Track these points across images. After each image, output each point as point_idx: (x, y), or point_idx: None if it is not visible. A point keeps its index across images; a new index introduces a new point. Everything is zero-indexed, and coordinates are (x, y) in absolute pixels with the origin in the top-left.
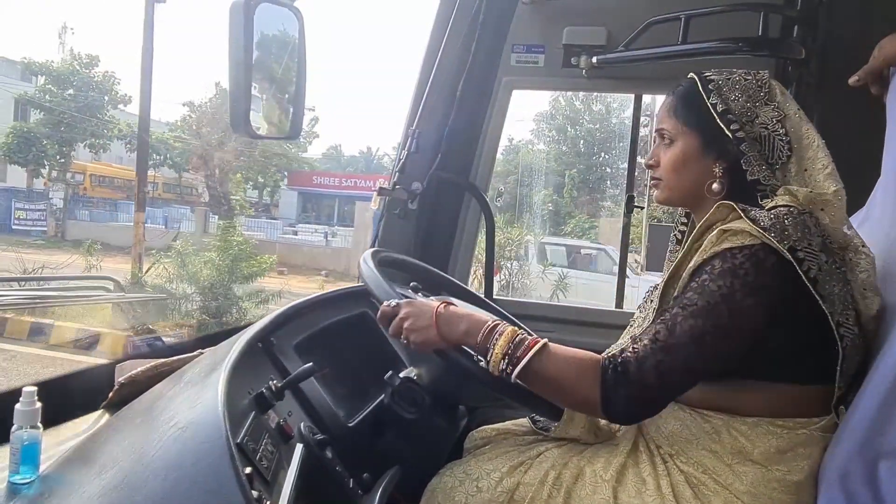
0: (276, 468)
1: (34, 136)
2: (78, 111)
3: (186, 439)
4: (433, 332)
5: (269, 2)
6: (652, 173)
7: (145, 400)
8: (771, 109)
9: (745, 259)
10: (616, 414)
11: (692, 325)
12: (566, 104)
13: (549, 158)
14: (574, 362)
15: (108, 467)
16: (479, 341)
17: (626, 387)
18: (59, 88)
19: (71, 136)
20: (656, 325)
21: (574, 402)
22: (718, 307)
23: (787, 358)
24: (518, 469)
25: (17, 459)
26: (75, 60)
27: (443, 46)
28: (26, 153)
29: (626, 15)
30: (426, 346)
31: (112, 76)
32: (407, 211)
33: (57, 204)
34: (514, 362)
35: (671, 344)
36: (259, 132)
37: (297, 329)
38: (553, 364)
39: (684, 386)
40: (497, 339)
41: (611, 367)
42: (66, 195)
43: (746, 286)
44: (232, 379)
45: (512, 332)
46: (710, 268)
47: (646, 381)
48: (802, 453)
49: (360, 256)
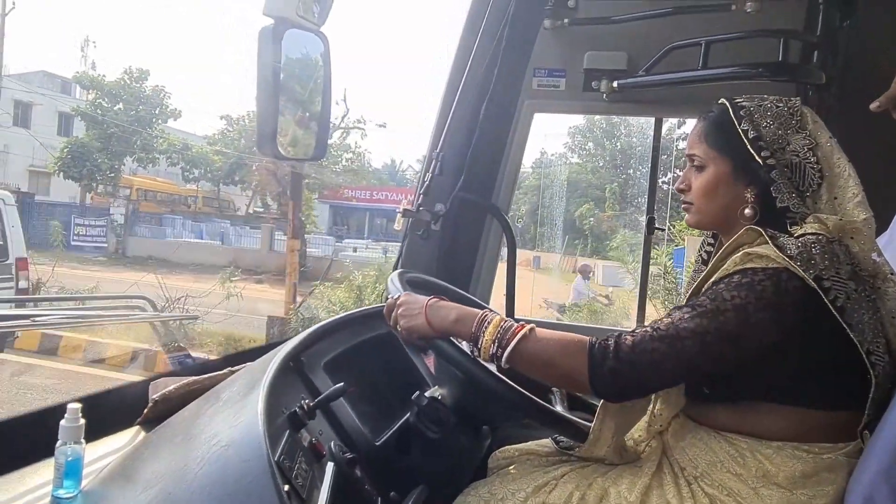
0: (311, 486)
1: (88, 150)
2: (128, 124)
3: (229, 457)
4: (422, 319)
5: (297, 27)
6: (683, 197)
7: (184, 417)
8: (802, 137)
9: (766, 278)
10: (602, 387)
11: (697, 323)
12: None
13: (587, 171)
14: (562, 341)
15: (151, 484)
16: (467, 329)
17: (613, 360)
18: (110, 102)
19: (122, 149)
20: (660, 319)
21: (562, 376)
22: (727, 313)
23: (810, 382)
24: (542, 489)
25: (61, 474)
26: (126, 74)
27: (466, 70)
28: (81, 168)
29: (646, 40)
30: (415, 333)
31: (162, 90)
32: (430, 232)
33: (118, 220)
34: (503, 345)
35: (671, 335)
36: (285, 153)
37: (326, 348)
38: (541, 344)
39: (676, 377)
40: (486, 326)
41: (598, 343)
42: (126, 211)
43: (761, 301)
44: (269, 398)
45: (500, 319)
46: (728, 279)
47: (636, 361)
48: (827, 478)
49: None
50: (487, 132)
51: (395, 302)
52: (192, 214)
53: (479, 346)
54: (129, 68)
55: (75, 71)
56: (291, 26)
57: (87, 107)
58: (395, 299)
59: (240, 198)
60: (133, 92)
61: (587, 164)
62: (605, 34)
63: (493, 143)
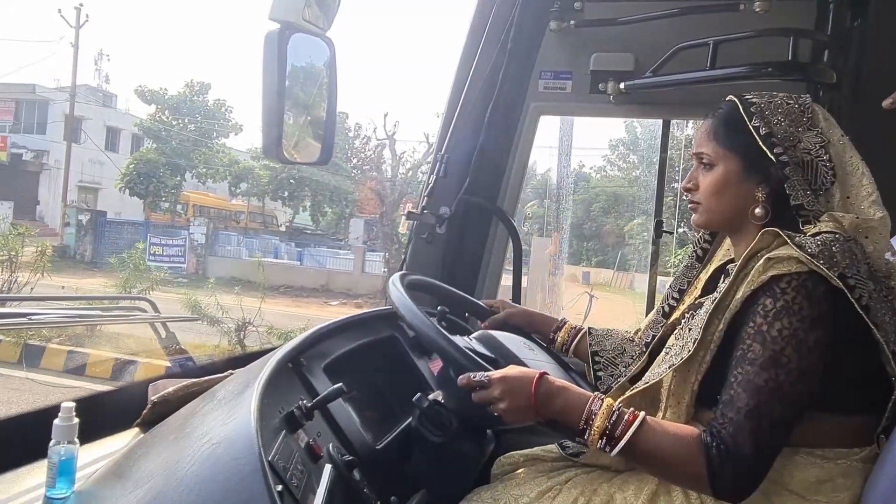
0: (306, 488)
1: (154, 165)
2: (190, 139)
3: (219, 455)
4: (532, 412)
5: (303, 32)
6: (690, 197)
7: (179, 417)
8: (814, 135)
9: (796, 292)
10: (726, 493)
11: (766, 378)
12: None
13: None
14: (675, 439)
15: (142, 483)
16: (574, 421)
17: (731, 463)
18: (171, 116)
19: (185, 164)
20: (732, 391)
21: (680, 479)
22: (785, 351)
23: (829, 386)
24: (546, 495)
25: (53, 474)
26: (187, 87)
27: (472, 72)
28: (147, 184)
29: (653, 41)
30: (520, 419)
31: (223, 103)
32: (435, 235)
33: (197, 238)
34: (612, 442)
35: (754, 406)
36: (290, 158)
37: (327, 350)
38: (654, 440)
39: (781, 443)
40: (594, 418)
41: (714, 445)
42: (208, 229)
43: (805, 322)
44: (264, 397)
45: (608, 407)
46: (763, 309)
47: (745, 453)
48: (842, 484)
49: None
50: (493, 134)
51: (481, 384)
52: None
53: (586, 438)
54: (190, 81)
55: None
56: (297, 31)
57: (149, 121)
58: (492, 375)
59: (280, 213)
60: (195, 106)
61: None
62: (611, 35)
63: (499, 145)
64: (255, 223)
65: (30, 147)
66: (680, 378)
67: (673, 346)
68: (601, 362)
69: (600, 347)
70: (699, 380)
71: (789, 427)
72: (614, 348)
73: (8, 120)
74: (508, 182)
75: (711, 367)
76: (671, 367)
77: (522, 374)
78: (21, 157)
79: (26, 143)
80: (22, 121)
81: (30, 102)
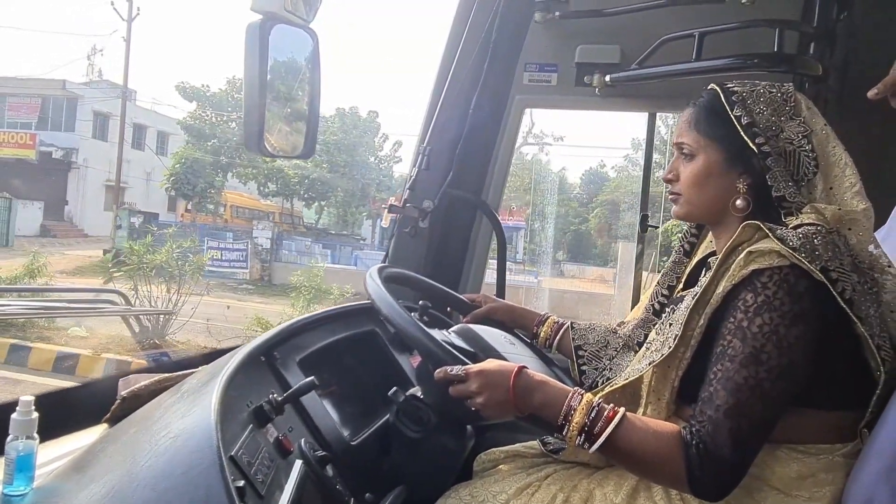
0: (273, 483)
1: (200, 164)
2: (235, 138)
3: (177, 448)
4: (511, 406)
5: (285, 23)
6: (670, 188)
7: (144, 411)
8: (797, 124)
9: (777, 287)
10: (705, 492)
11: (746, 376)
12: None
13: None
14: (655, 437)
15: (98, 478)
16: (553, 417)
17: (710, 463)
18: (214, 114)
19: (229, 163)
20: (711, 388)
21: (659, 477)
22: (765, 348)
23: (815, 384)
24: (525, 491)
25: (11, 470)
26: (229, 84)
27: (455, 64)
28: (194, 184)
29: (639, 33)
30: (498, 414)
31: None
32: (418, 229)
33: (262, 243)
34: (591, 438)
35: (733, 405)
36: (272, 151)
37: (302, 344)
38: (634, 437)
39: (761, 442)
40: (573, 414)
41: (693, 444)
42: (273, 233)
43: (786, 317)
44: (229, 390)
45: (587, 403)
46: (743, 304)
47: (725, 453)
48: (825, 479)
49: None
50: (477, 127)
51: (458, 377)
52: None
53: (564, 434)
54: (232, 78)
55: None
56: (280, 22)
57: (190, 118)
58: (469, 369)
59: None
60: (238, 103)
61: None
62: (597, 27)
63: (483, 138)
64: (286, 225)
65: (58, 145)
66: (660, 374)
67: (654, 342)
68: (584, 356)
69: (583, 341)
70: (679, 376)
71: (770, 425)
72: (597, 341)
73: (34, 117)
74: (493, 176)
75: (692, 363)
76: (651, 363)
77: (501, 368)
78: (51, 156)
79: (54, 141)
80: (49, 117)
81: (58, 99)
